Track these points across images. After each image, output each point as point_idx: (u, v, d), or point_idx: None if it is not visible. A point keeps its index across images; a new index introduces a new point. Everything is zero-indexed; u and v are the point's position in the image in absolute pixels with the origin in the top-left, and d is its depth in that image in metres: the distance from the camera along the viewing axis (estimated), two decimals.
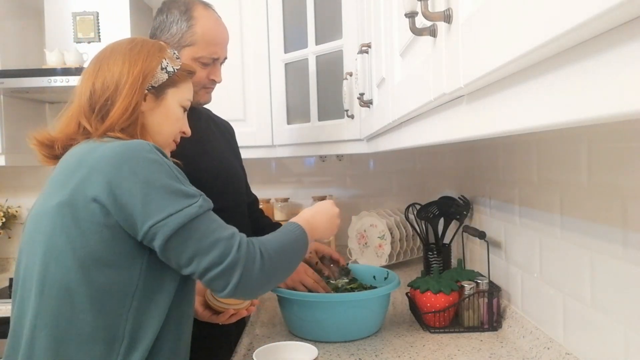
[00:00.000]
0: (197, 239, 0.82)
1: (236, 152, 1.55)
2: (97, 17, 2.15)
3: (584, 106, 0.31)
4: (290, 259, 0.95)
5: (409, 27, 0.59)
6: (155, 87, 0.96)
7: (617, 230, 0.83)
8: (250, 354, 1.01)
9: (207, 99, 1.36)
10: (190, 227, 0.82)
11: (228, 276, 0.83)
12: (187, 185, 0.86)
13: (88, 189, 0.81)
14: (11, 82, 2.00)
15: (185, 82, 1.01)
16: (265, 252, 0.88)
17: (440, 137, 0.66)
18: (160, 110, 0.97)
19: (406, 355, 1.15)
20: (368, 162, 2.37)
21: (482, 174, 1.55)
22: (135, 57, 0.94)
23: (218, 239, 0.84)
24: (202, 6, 1.31)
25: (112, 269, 0.82)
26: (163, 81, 0.96)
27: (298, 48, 1.90)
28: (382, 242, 1.99)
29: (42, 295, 0.83)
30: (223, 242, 0.84)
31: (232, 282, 0.84)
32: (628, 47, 0.26)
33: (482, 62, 0.43)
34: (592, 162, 0.91)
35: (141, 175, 0.81)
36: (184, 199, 0.83)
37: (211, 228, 0.84)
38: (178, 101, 1.00)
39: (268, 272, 0.88)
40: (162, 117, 0.98)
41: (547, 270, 1.10)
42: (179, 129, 1.02)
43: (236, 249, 0.84)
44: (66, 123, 0.94)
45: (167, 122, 0.99)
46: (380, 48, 1.08)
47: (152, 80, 0.95)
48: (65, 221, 0.82)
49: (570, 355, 0.98)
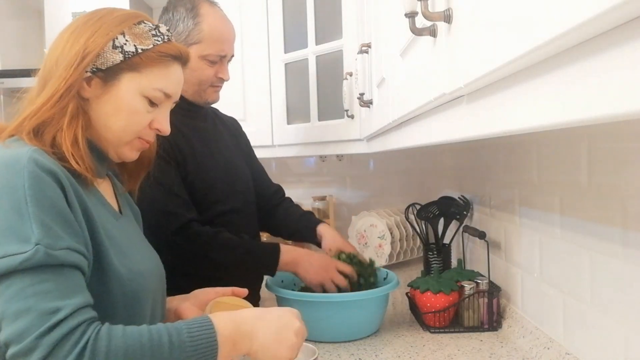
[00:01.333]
0: (5, 300, 0.62)
1: (243, 149, 1.53)
2: None
3: (584, 106, 0.31)
4: None
5: (409, 27, 0.59)
6: (104, 70, 0.77)
7: (617, 230, 0.83)
8: None
9: (216, 97, 1.36)
10: (3, 282, 0.62)
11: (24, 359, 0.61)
12: (36, 227, 0.64)
13: None
14: (11, 82, 2.00)
15: (155, 67, 0.80)
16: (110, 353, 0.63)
17: (440, 137, 0.66)
18: (108, 99, 0.78)
19: (406, 355, 1.15)
20: (368, 162, 2.37)
21: (482, 174, 1.55)
22: (82, 30, 0.77)
23: (29, 309, 0.61)
24: (208, 3, 1.31)
25: None
26: (116, 63, 0.77)
27: (298, 48, 1.90)
28: (382, 242, 1.99)
29: None
30: (33, 315, 0.61)
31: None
32: (628, 47, 0.26)
33: (482, 62, 0.43)
34: (592, 162, 0.91)
35: None
36: (13, 242, 0.63)
37: (29, 292, 0.62)
38: (138, 89, 0.79)
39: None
40: (110, 107, 0.78)
41: (547, 270, 1.10)
42: (142, 125, 0.81)
43: (44, 330, 0.61)
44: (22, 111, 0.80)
45: (118, 115, 0.79)
46: (380, 48, 1.08)
47: (97, 61, 0.76)
48: None
49: (570, 355, 0.98)
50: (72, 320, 0.63)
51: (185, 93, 1.30)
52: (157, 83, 0.80)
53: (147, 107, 0.81)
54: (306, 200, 2.36)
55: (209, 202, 1.30)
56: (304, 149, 1.95)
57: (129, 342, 0.65)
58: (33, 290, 0.62)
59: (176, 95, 0.86)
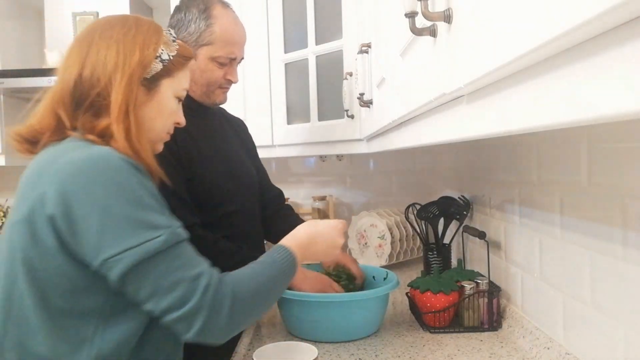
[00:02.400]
0: (155, 278, 0.73)
1: (250, 150, 1.54)
2: (97, 17, 2.15)
3: (584, 106, 0.31)
4: (268, 298, 0.85)
5: (409, 27, 0.59)
6: (148, 79, 0.84)
7: (617, 230, 0.83)
8: (250, 354, 1.01)
9: (223, 99, 1.37)
10: (149, 264, 0.72)
11: (189, 322, 0.74)
12: (155, 214, 0.75)
13: (46, 206, 0.73)
14: (11, 82, 2.00)
15: (182, 70, 0.90)
16: (239, 293, 0.78)
17: (440, 137, 0.66)
18: (153, 104, 0.86)
19: (406, 355, 1.15)
20: (368, 162, 2.37)
21: (482, 174, 1.55)
22: (131, 45, 0.83)
23: (180, 280, 0.74)
24: (221, 5, 1.31)
25: (74, 294, 0.75)
26: (157, 71, 0.85)
27: (298, 48, 1.90)
28: (382, 242, 1.99)
29: (8, 316, 0.77)
30: (185, 284, 0.74)
31: (195, 328, 0.74)
32: (628, 47, 0.26)
33: (482, 62, 0.43)
34: (592, 162, 0.91)
35: (100, 199, 0.71)
36: (146, 231, 0.73)
37: (173, 266, 0.74)
38: (173, 92, 0.89)
39: (238, 316, 0.78)
40: (154, 111, 0.86)
41: (547, 270, 1.10)
42: (173, 122, 0.92)
43: (200, 293, 0.74)
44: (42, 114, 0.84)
45: (160, 117, 0.88)
46: (380, 48, 1.08)
47: (146, 72, 0.84)
48: (23, 240, 0.74)
49: (570, 355, 0.98)
50: (213, 278, 0.76)
51: (194, 94, 1.30)
52: (184, 83, 0.92)
53: (177, 106, 0.92)
54: (306, 200, 2.36)
55: (214, 203, 1.30)
56: (304, 149, 1.95)
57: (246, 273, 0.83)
58: (175, 265, 0.74)
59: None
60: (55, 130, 0.83)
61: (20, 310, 0.76)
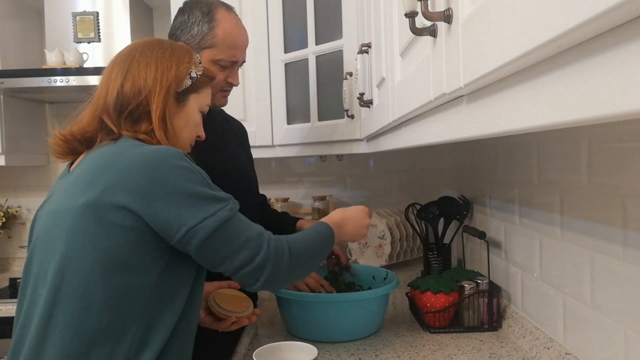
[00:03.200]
0: (229, 241, 0.87)
1: (248, 154, 1.55)
2: (97, 17, 2.15)
3: (584, 106, 0.31)
4: (315, 258, 1.01)
5: (409, 27, 0.59)
6: (179, 93, 0.97)
7: (617, 230, 0.83)
8: (250, 354, 1.01)
9: (224, 102, 1.37)
10: (224, 229, 0.86)
11: (258, 273, 0.89)
12: (217, 190, 0.90)
13: (117, 192, 0.83)
14: (11, 82, 2.00)
15: (206, 88, 1.03)
16: (294, 249, 0.94)
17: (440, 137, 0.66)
18: (181, 116, 0.99)
19: (406, 355, 1.15)
20: (368, 162, 2.37)
21: (482, 174, 1.55)
22: (167, 63, 0.96)
23: (248, 239, 0.89)
24: (224, 8, 1.31)
25: (132, 272, 0.84)
26: (187, 86, 0.98)
27: (298, 48, 1.90)
28: (382, 242, 1.99)
29: (58, 293, 0.83)
30: (253, 241, 0.89)
31: (262, 278, 0.89)
32: (628, 47, 0.26)
33: (482, 62, 0.43)
34: (592, 162, 0.91)
35: (174, 182, 0.84)
36: (216, 203, 0.87)
37: (240, 228, 0.89)
38: (198, 106, 1.02)
39: (294, 268, 0.94)
40: (182, 122, 0.99)
41: (547, 270, 1.10)
42: (196, 134, 1.04)
43: (266, 247, 0.89)
44: (89, 119, 0.95)
45: (187, 128, 1.00)
46: (380, 48, 1.08)
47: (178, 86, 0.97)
48: (89, 222, 0.83)
49: (570, 355, 0.98)
50: (270, 236, 0.92)
51: None
52: (207, 99, 1.04)
53: (200, 119, 1.04)
54: (306, 200, 2.36)
55: None
56: (304, 149, 1.95)
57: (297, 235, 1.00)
58: (241, 228, 0.89)
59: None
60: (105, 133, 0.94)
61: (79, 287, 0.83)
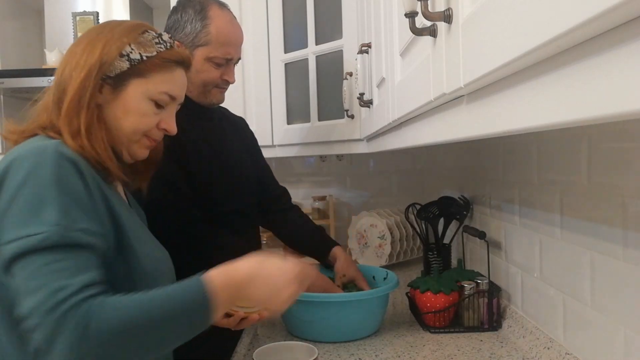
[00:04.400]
0: (24, 277, 0.67)
1: (250, 148, 1.53)
2: (97, 17, 2.15)
3: (584, 106, 0.31)
4: (152, 336, 0.70)
5: (409, 27, 0.59)
6: (113, 77, 0.83)
7: (617, 230, 0.83)
8: (250, 354, 1.01)
9: (220, 99, 1.36)
10: (22, 260, 0.67)
11: (29, 337, 0.66)
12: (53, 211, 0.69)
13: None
14: (11, 82, 2.00)
15: (160, 73, 0.86)
16: (101, 324, 0.65)
17: (440, 137, 0.66)
18: (118, 104, 0.84)
19: (406, 355, 1.15)
20: (368, 162, 2.37)
21: (482, 174, 1.55)
22: (96, 42, 0.83)
23: (42, 285, 0.66)
24: (217, 6, 1.30)
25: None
26: (123, 70, 0.83)
27: (298, 48, 1.90)
28: (382, 242, 1.99)
29: None
30: (46, 292, 0.65)
31: (31, 347, 0.65)
32: (628, 47, 0.26)
33: (482, 62, 0.43)
34: (592, 162, 0.91)
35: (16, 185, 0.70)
36: (33, 225, 0.68)
37: (44, 270, 0.66)
38: (145, 93, 0.85)
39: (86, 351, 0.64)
40: (120, 111, 0.84)
41: (547, 270, 1.10)
42: (150, 126, 0.88)
43: (46, 309, 0.64)
44: (37, 114, 0.86)
45: (128, 117, 0.85)
46: (380, 48, 1.08)
47: (108, 69, 0.83)
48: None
49: (570, 355, 0.98)
50: (76, 297, 0.66)
51: (191, 94, 1.30)
52: (162, 87, 0.87)
53: (154, 109, 0.88)
54: (306, 200, 2.36)
55: (211, 203, 1.30)
56: (304, 149, 1.95)
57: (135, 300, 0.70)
58: (48, 269, 0.66)
59: (180, 97, 0.92)
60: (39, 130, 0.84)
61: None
